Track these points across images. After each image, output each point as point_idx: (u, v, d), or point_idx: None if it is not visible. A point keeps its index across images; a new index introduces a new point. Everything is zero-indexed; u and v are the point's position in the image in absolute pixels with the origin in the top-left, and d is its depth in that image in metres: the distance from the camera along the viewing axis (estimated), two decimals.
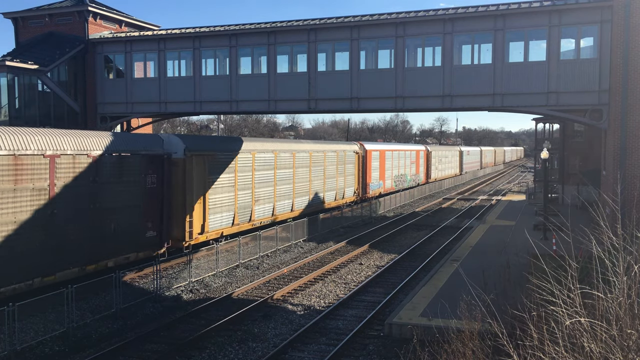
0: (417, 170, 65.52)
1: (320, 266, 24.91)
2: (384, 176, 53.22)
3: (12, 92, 28.69)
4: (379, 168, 51.41)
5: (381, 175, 52.31)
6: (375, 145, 54.76)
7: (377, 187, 50.71)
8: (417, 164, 65.54)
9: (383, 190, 52.49)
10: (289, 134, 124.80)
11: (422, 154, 67.79)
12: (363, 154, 47.63)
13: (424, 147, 70.48)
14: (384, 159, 52.97)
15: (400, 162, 58.48)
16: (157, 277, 19.88)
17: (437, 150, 77.66)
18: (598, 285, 8.14)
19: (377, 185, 50.75)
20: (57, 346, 15.08)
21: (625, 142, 21.58)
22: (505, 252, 18.56)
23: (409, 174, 61.91)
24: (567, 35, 23.79)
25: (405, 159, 60.51)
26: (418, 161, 65.67)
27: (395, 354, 13.27)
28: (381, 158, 52.24)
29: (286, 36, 27.52)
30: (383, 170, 52.78)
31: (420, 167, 66.60)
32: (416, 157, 65.11)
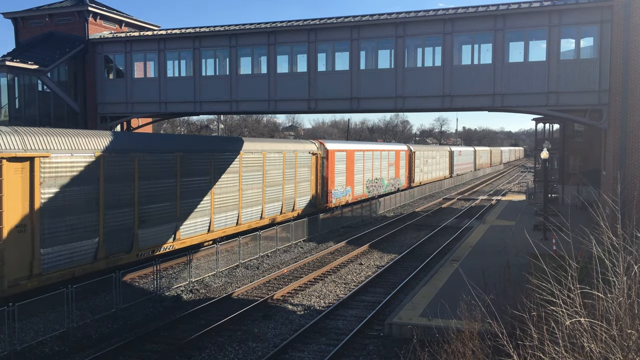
0: (397, 173, 58.07)
1: (320, 266, 24.91)
2: (353, 181, 45.62)
3: (12, 92, 28.68)
4: (345, 172, 43.84)
5: (349, 180, 44.64)
6: (340, 144, 46.34)
7: (342, 195, 43.15)
8: (397, 166, 58.04)
9: (351, 198, 45.00)
10: (289, 134, 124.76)
11: (403, 155, 60.20)
12: (323, 154, 39.87)
13: (405, 147, 62.71)
14: (352, 161, 45.43)
15: (375, 164, 51.11)
16: (157, 277, 19.88)
17: (422, 150, 69.42)
18: (598, 285, 8.14)
19: (343, 192, 43.20)
20: (57, 346, 15.08)
21: (625, 142, 21.58)
22: (505, 252, 18.56)
23: (387, 177, 54.51)
24: (567, 35, 23.78)
25: (381, 160, 52.93)
26: (398, 163, 58.22)
27: (395, 354, 13.27)
28: (349, 159, 44.71)
29: (286, 36, 27.52)
30: (351, 174, 45.21)
31: (400, 169, 59.18)
32: (396, 158, 57.57)
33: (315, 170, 38.43)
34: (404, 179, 60.33)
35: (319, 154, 39.29)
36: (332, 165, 41.22)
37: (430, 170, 71.45)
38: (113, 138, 21.57)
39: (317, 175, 38.76)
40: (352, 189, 45.51)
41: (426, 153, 70.00)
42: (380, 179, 52.58)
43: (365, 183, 48.62)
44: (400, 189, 57.53)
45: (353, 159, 45.81)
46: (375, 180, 51.10)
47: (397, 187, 57.26)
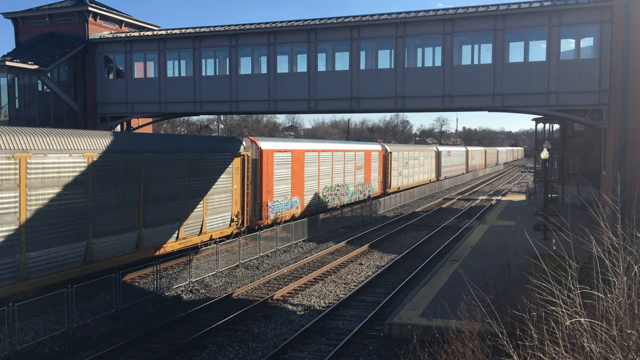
0: (368, 177, 49.10)
1: (320, 266, 24.91)
2: (302, 189, 36.89)
3: (12, 92, 28.69)
4: (290, 177, 35.19)
5: (296, 189, 36.03)
6: (282, 143, 36.67)
7: (286, 207, 34.61)
8: (368, 170, 49.17)
9: (299, 211, 36.03)
10: (289, 134, 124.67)
11: (375, 156, 51.42)
12: (255, 156, 31.35)
13: (378, 147, 54.33)
14: (301, 164, 36.67)
15: (336, 168, 41.77)
16: (157, 277, 19.88)
17: (400, 150, 59.95)
18: (598, 285, 8.14)
19: (286, 204, 34.60)
20: (57, 346, 15.07)
21: (625, 142, 21.58)
22: (505, 252, 18.59)
23: (353, 183, 45.73)
24: (567, 35, 23.79)
25: (344, 162, 43.79)
26: (368, 165, 49.27)
27: (395, 354, 13.27)
28: (296, 162, 36.00)
29: (286, 36, 27.52)
30: (300, 181, 36.45)
31: (372, 173, 50.49)
32: (365, 160, 48.55)
33: (242, 177, 29.29)
34: (376, 184, 51.63)
35: (247, 155, 29.82)
36: (268, 170, 32.48)
37: (412, 174, 63.04)
38: None
39: (246, 183, 29.68)
40: (300, 199, 36.55)
41: (406, 154, 61.32)
42: (344, 186, 43.61)
43: (322, 191, 39.77)
44: (371, 196, 48.66)
45: (302, 161, 36.93)
46: (336, 188, 42.14)
47: (368, 194, 48.66)
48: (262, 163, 31.85)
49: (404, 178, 60.22)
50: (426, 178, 68.74)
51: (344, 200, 43.54)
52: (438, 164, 74.77)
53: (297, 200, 36.18)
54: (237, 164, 29.02)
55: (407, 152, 61.74)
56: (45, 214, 18.16)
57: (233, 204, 28.68)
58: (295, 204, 35.76)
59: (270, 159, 32.88)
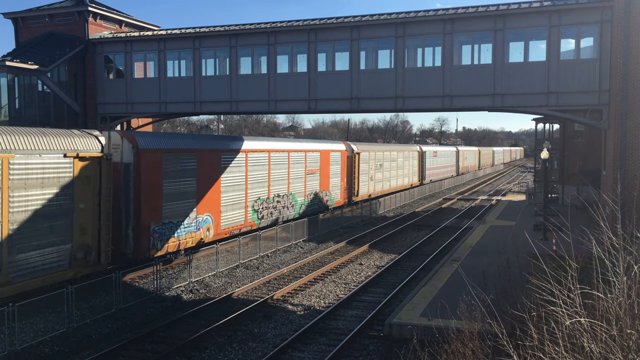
0: (325, 184, 39.50)
1: (320, 266, 24.91)
2: (217, 204, 27.11)
3: (12, 92, 28.70)
4: (195, 188, 25.50)
5: (207, 203, 26.27)
6: (175, 140, 26.00)
7: (187, 231, 24.91)
8: (325, 174, 39.45)
9: (211, 234, 26.75)
10: (289, 134, 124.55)
11: (336, 157, 41.64)
12: (128, 159, 22.21)
13: (341, 146, 44.03)
14: (214, 169, 26.95)
15: (275, 173, 32.72)
16: (157, 277, 19.88)
17: (371, 150, 50.32)
18: (598, 286, 8.14)
19: (188, 227, 24.93)
20: (57, 346, 15.07)
21: (625, 142, 21.59)
22: (505, 253, 18.60)
23: (302, 192, 36.16)
24: (567, 35, 23.80)
25: (289, 166, 34.34)
26: (326, 169, 39.67)
27: (395, 354, 13.27)
28: (206, 167, 26.17)
29: (286, 36, 27.52)
30: (214, 193, 26.78)
31: (333, 178, 40.90)
32: (322, 162, 39.08)
33: (95, 191, 19.77)
34: (338, 192, 42.09)
35: (109, 158, 20.50)
36: (153, 179, 22.90)
37: (387, 178, 54.27)
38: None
39: (102, 200, 20.04)
40: (215, 217, 27.02)
41: (380, 154, 52.01)
42: (288, 196, 34.30)
43: (252, 205, 30.22)
44: (331, 207, 40.01)
45: (217, 165, 27.19)
46: (275, 199, 32.67)
47: (326, 204, 39.54)
48: (141, 170, 22.30)
49: (377, 183, 51.49)
50: (406, 182, 60.58)
51: (289, 214, 34.20)
52: (422, 166, 66.48)
53: (209, 219, 26.58)
54: (85, 172, 19.35)
55: (380, 153, 52.52)
56: None
57: (76, 231, 18.94)
58: (204, 225, 26.21)
59: (155, 163, 23.05)
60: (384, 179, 53.19)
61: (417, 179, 64.48)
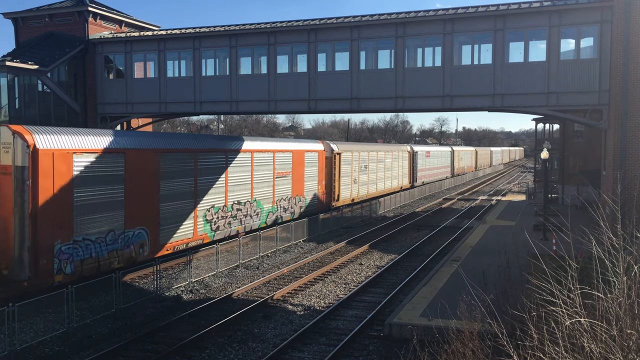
0: (299, 188, 35.62)
1: (320, 266, 24.91)
2: (155, 214, 23.21)
3: (12, 92, 28.69)
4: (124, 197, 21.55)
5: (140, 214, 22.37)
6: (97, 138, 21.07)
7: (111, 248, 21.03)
8: (299, 177, 35.66)
9: (146, 251, 22.66)
10: (289, 134, 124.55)
11: (312, 158, 37.68)
12: (23, 163, 18.07)
13: (318, 146, 39.76)
14: (151, 174, 22.96)
15: (234, 177, 28.59)
16: (157, 277, 19.88)
17: (354, 150, 46.16)
18: (598, 286, 8.14)
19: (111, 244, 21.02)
20: (57, 346, 15.08)
21: (625, 142, 21.59)
22: (505, 253, 18.60)
23: (270, 199, 32.32)
24: (567, 35, 23.80)
25: (252, 168, 30.34)
26: (299, 171, 35.76)
27: (395, 354, 13.27)
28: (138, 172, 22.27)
29: (286, 36, 27.52)
30: (150, 201, 22.97)
31: (308, 181, 37.05)
32: (295, 163, 35.11)
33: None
34: (316, 196, 38.40)
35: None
36: (58, 187, 18.86)
37: (374, 180, 50.54)
38: None
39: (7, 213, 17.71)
40: (152, 230, 22.88)
41: (364, 155, 48.32)
42: (252, 203, 30.42)
43: (203, 215, 26.12)
44: (306, 212, 35.96)
45: (155, 169, 23.11)
46: (235, 207, 28.69)
47: (300, 212, 35.86)
48: (39, 174, 18.12)
49: (362, 187, 47.66)
50: (395, 185, 56.84)
51: (253, 224, 30.42)
52: (412, 168, 62.58)
53: (143, 234, 22.48)
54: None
55: (365, 153, 48.62)
56: None
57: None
58: (136, 240, 22.05)
59: (63, 167, 19.07)
60: (369, 182, 49.43)
61: (407, 181, 60.86)
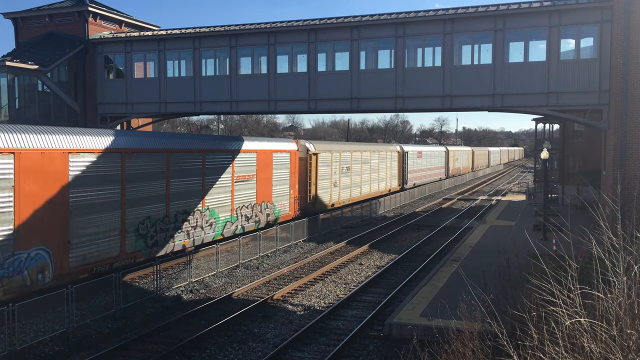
0: (265, 193, 31.44)
1: (320, 266, 24.91)
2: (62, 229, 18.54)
3: (12, 92, 28.70)
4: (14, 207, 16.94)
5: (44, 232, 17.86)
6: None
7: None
8: (266, 181, 31.51)
9: (51, 277, 18.04)
10: (288, 134, 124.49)
11: (282, 159, 33.43)
12: None
13: (290, 145, 35.04)
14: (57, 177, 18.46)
15: (175, 184, 24.01)
16: (157, 277, 19.88)
17: (334, 150, 41.38)
18: (598, 286, 8.14)
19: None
20: (57, 346, 15.08)
21: (625, 142, 21.59)
22: (505, 253, 18.62)
23: (229, 206, 28.07)
24: (567, 35, 23.80)
25: (204, 172, 25.94)
26: (266, 174, 31.61)
27: (395, 354, 13.26)
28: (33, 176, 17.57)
29: (286, 36, 27.53)
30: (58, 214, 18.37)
31: (278, 185, 32.82)
32: (260, 165, 30.88)
33: None
34: (287, 202, 33.96)
35: None
36: None
37: (357, 183, 46.13)
38: None
39: None
40: (55, 251, 18.33)
41: (347, 155, 43.52)
42: (204, 212, 25.97)
43: (137, 227, 21.85)
44: (275, 221, 32.22)
45: (64, 172, 18.73)
46: (179, 217, 24.34)
47: (266, 220, 31.63)
48: None
49: (343, 190, 43.15)
50: (383, 188, 52.53)
51: (205, 236, 26.27)
52: (402, 169, 58.72)
53: (43, 256, 17.98)
54: None
55: (348, 154, 44.05)
56: None
57: None
58: (32, 264, 17.57)
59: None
60: (352, 185, 45.03)
61: (397, 183, 56.99)
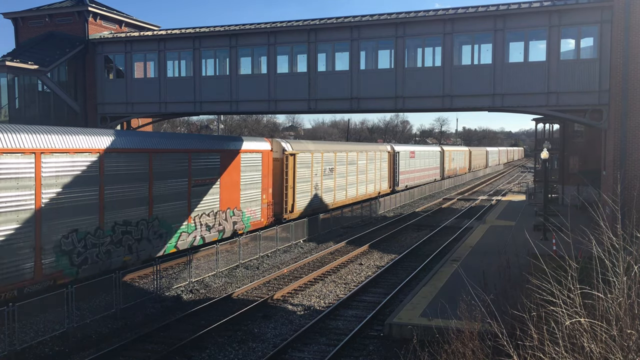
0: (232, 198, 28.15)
1: (320, 266, 24.91)
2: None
3: (12, 92, 28.70)
4: None
5: None
6: None
7: None
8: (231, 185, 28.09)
9: None
10: (289, 134, 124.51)
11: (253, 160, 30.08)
12: None
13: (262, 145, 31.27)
14: None
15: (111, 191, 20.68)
16: (157, 277, 19.88)
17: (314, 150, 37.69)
18: (598, 286, 8.14)
19: None
20: (57, 346, 15.08)
21: (625, 142, 21.59)
22: (505, 253, 18.61)
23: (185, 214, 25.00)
24: (567, 35, 23.80)
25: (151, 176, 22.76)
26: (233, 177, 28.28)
27: (395, 354, 13.27)
28: None
29: (286, 36, 27.52)
30: None
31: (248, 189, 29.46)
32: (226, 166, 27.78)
33: None
34: (258, 209, 30.66)
35: None
36: None
37: (342, 186, 42.67)
38: None
39: None
40: None
41: (330, 155, 40.01)
42: (151, 222, 22.88)
43: (60, 243, 18.59)
44: (243, 230, 28.95)
45: None
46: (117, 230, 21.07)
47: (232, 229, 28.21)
48: None
49: (326, 194, 39.68)
50: (372, 190, 49.51)
51: (153, 250, 22.91)
52: (393, 170, 55.43)
53: None
54: None
55: (330, 154, 40.53)
56: None
57: None
58: None
59: None
60: (336, 188, 41.63)
61: (387, 185, 53.95)
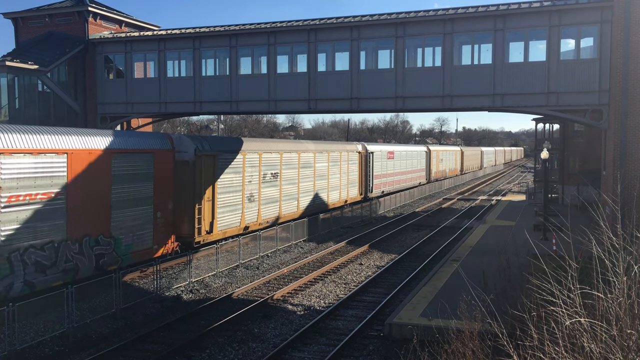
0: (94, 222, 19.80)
1: (320, 266, 24.91)
2: None
3: (12, 92, 28.69)
4: None
5: None
6: None
7: None
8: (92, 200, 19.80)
9: None
10: (289, 134, 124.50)
11: (139, 165, 22.25)
12: None
13: (155, 142, 23.63)
14: None
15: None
16: (157, 277, 19.88)
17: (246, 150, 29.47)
18: (598, 286, 8.14)
19: None
20: (57, 346, 15.08)
21: (625, 142, 21.59)
22: (505, 253, 18.61)
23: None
24: (567, 35, 23.80)
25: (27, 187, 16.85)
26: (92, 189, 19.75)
27: (395, 354, 13.26)
28: None
29: (286, 36, 27.52)
30: None
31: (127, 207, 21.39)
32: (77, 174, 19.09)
33: None
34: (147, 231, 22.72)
35: None
36: None
37: (292, 195, 34.59)
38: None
39: None
40: None
41: (273, 157, 32.24)
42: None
43: None
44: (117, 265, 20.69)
45: None
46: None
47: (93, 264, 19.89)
48: None
49: (267, 206, 31.68)
50: (336, 198, 41.32)
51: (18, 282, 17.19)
52: (365, 173, 47.14)
53: None
54: None
55: (274, 155, 32.51)
56: None
57: None
58: None
59: None
60: (282, 198, 33.32)
61: (357, 192, 45.56)
